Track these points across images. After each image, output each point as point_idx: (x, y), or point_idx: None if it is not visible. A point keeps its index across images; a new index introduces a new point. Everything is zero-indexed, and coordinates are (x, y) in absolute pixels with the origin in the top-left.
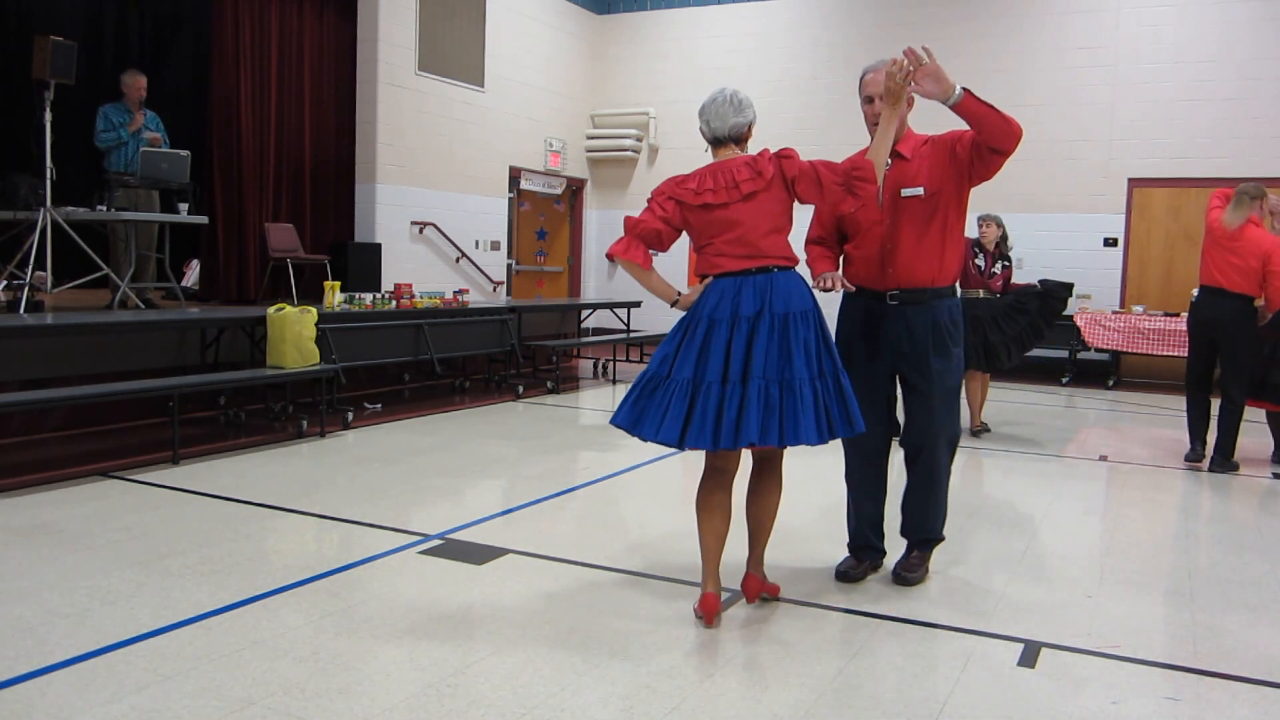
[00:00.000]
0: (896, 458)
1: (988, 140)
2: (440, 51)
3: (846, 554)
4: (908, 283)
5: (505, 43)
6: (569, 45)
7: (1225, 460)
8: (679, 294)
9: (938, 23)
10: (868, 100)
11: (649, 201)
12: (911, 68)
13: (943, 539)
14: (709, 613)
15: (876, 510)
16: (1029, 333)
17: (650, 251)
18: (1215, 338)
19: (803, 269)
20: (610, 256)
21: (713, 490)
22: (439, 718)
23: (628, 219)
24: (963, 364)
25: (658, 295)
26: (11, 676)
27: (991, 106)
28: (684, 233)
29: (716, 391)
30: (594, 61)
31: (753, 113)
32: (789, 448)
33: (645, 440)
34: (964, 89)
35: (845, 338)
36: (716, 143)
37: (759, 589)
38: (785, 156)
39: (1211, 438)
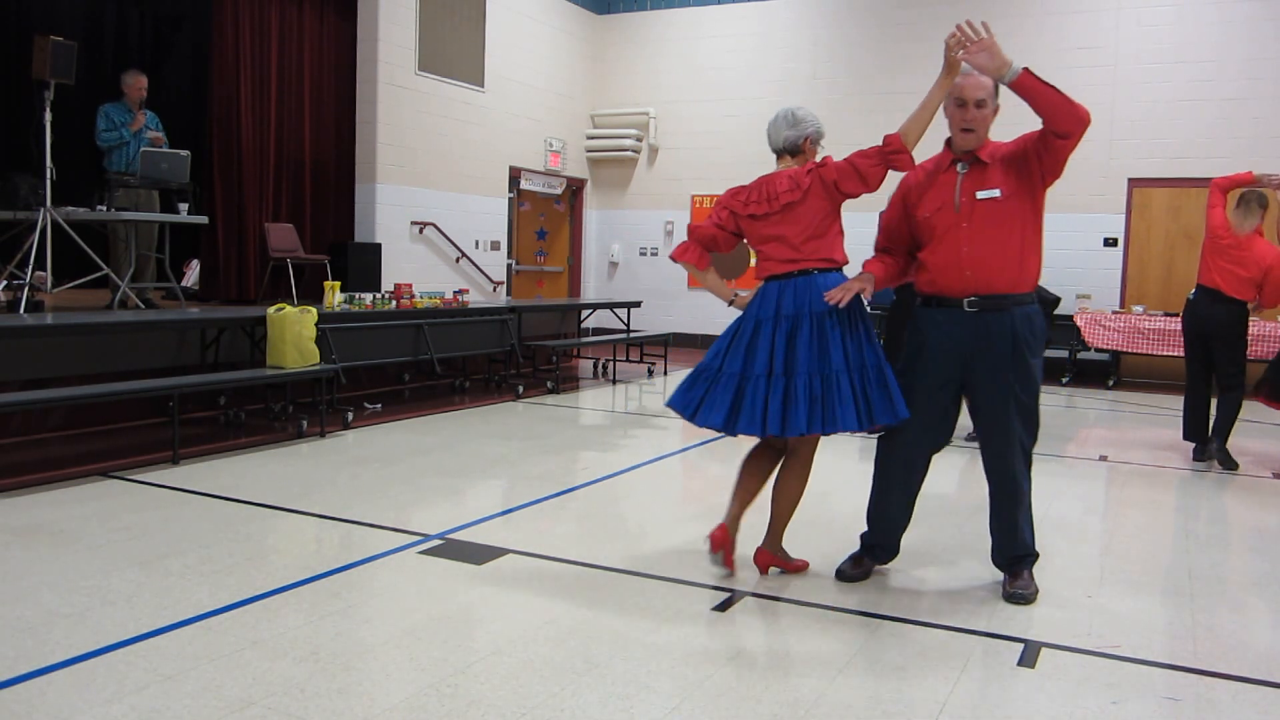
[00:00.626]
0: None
1: (1050, 123)
2: (440, 51)
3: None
4: (986, 289)
5: (505, 43)
6: (569, 45)
7: (1224, 445)
8: (735, 294)
9: (937, 23)
10: (960, 104)
11: (714, 208)
12: (967, 40)
13: (1037, 555)
14: (714, 542)
15: (903, 514)
16: None
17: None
18: (1209, 335)
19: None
20: (672, 259)
21: (756, 455)
22: (439, 718)
23: (690, 224)
24: (1041, 375)
25: (715, 294)
26: (11, 676)
27: (1053, 87)
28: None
29: (763, 384)
30: (594, 61)
31: (811, 127)
32: (827, 436)
33: (698, 425)
34: (1024, 67)
35: (916, 344)
36: (776, 154)
37: (768, 563)
38: (822, 166)
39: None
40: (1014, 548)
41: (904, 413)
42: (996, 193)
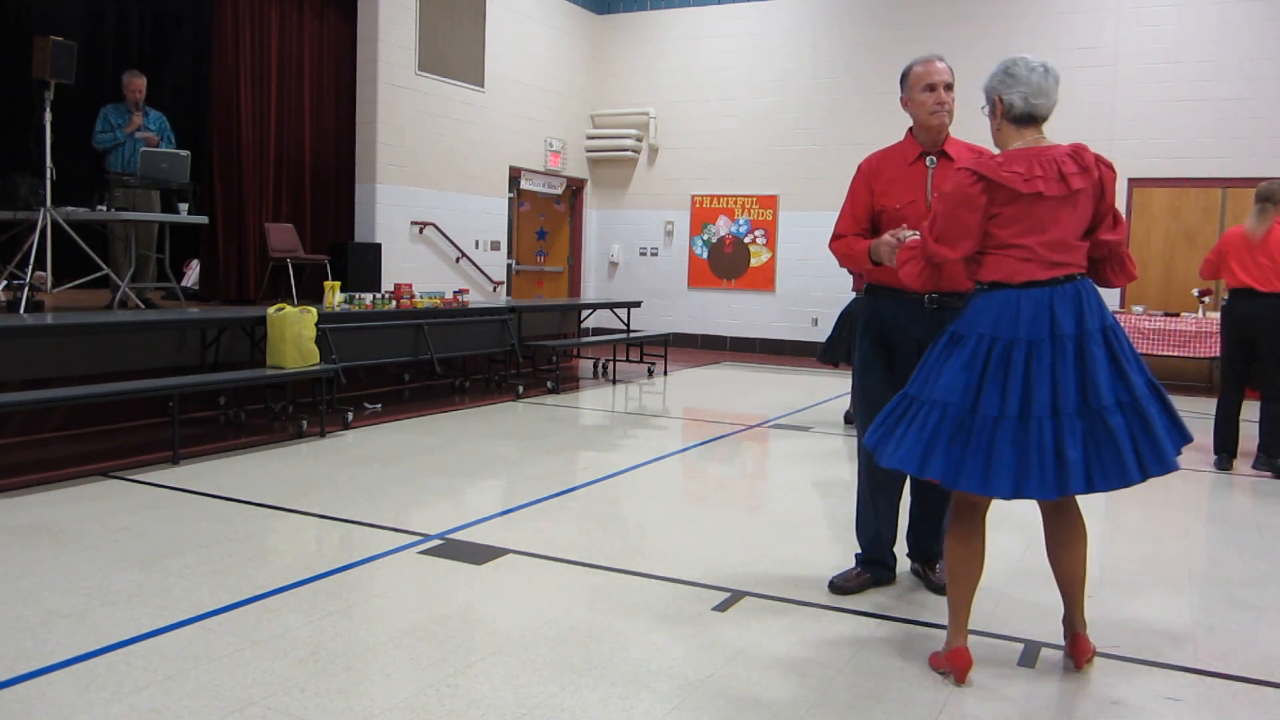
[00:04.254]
0: None
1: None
2: (440, 51)
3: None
4: (948, 286)
5: (505, 43)
6: (569, 45)
7: (1272, 460)
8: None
9: (937, 23)
10: (929, 88)
11: (952, 190)
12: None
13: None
14: (961, 669)
15: (893, 527)
16: None
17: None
18: (1254, 336)
19: (828, 269)
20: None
21: (971, 534)
22: (439, 718)
23: (925, 228)
24: None
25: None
26: (11, 676)
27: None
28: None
29: (1049, 428)
30: (594, 61)
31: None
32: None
33: (973, 492)
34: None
35: (873, 339)
36: (1023, 121)
37: (1089, 650)
38: (1100, 157)
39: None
40: (941, 540)
41: (1189, 436)
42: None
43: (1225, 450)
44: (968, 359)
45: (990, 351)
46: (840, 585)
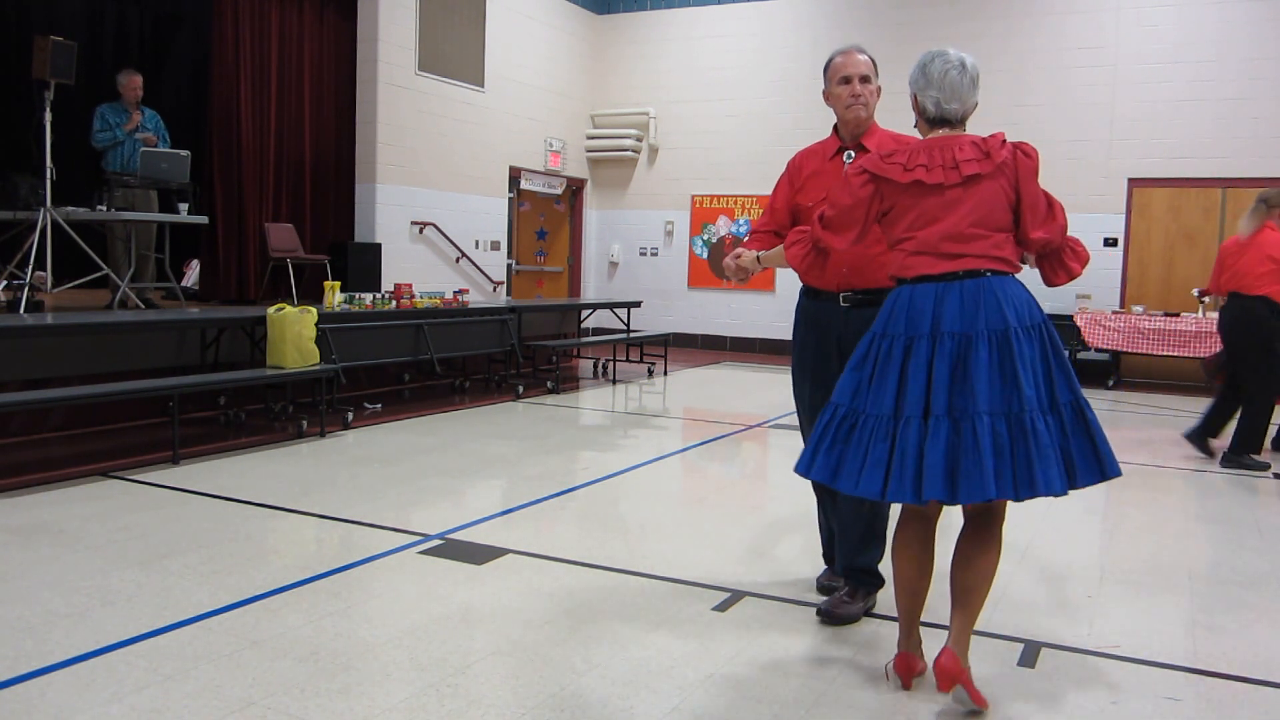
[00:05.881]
0: None
1: None
2: (440, 51)
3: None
4: (859, 284)
5: (505, 43)
6: (569, 45)
7: (1233, 455)
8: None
9: (937, 23)
10: (845, 81)
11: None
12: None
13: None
14: (905, 674)
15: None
16: None
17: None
18: (1226, 339)
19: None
20: (792, 262)
21: (910, 541)
22: (439, 718)
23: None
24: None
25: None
26: (11, 676)
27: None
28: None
29: (915, 429)
30: (594, 61)
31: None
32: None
33: (846, 491)
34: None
35: (800, 341)
36: (935, 122)
37: (955, 674)
38: (1020, 145)
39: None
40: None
41: (1114, 470)
42: None
43: (1202, 427)
44: (859, 359)
45: (878, 349)
46: (825, 585)
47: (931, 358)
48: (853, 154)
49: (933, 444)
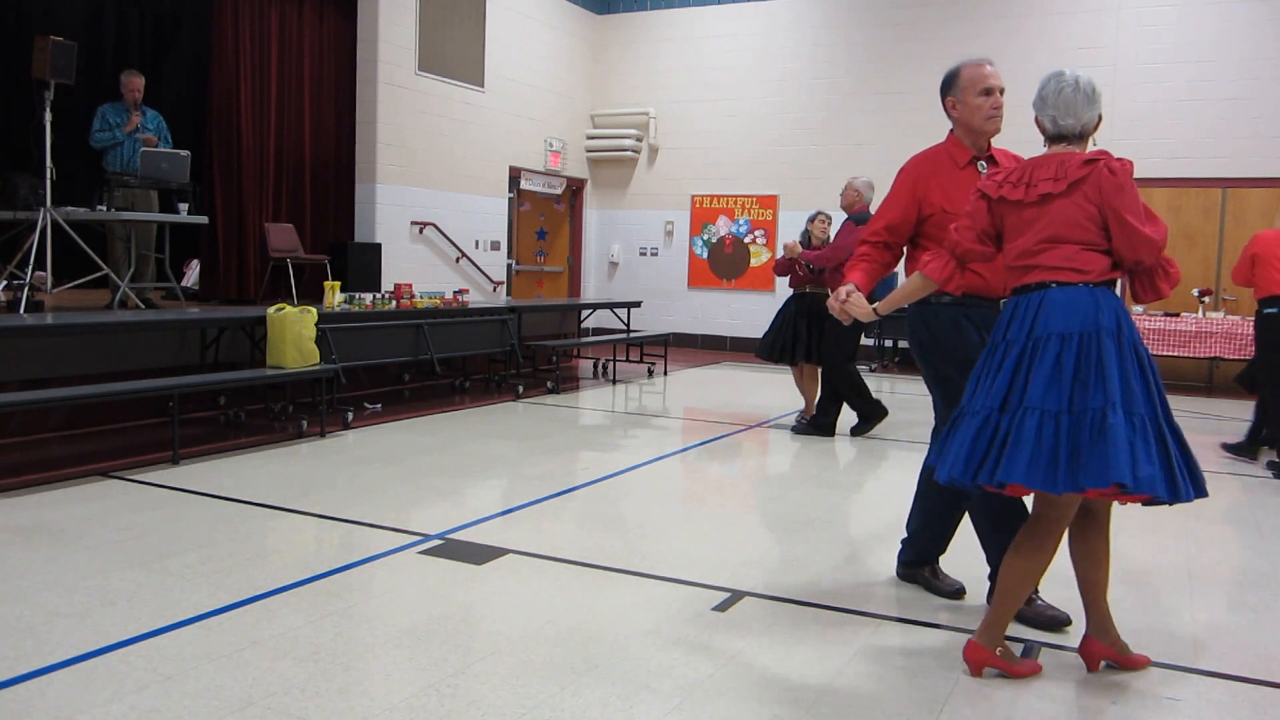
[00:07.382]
0: None
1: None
2: (440, 51)
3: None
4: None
5: (505, 43)
6: (569, 45)
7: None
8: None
9: (937, 22)
10: (986, 92)
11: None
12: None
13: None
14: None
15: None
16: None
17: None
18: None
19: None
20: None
21: (1045, 547)
22: (439, 718)
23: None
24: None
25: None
26: (11, 676)
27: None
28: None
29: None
30: (594, 61)
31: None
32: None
33: (993, 488)
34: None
35: (970, 343)
36: (1055, 139)
37: (1102, 654)
38: (1116, 161)
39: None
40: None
41: (1112, 480)
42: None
43: (1249, 437)
44: (979, 366)
45: (988, 353)
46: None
47: (1001, 360)
48: (985, 164)
49: (1018, 435)
